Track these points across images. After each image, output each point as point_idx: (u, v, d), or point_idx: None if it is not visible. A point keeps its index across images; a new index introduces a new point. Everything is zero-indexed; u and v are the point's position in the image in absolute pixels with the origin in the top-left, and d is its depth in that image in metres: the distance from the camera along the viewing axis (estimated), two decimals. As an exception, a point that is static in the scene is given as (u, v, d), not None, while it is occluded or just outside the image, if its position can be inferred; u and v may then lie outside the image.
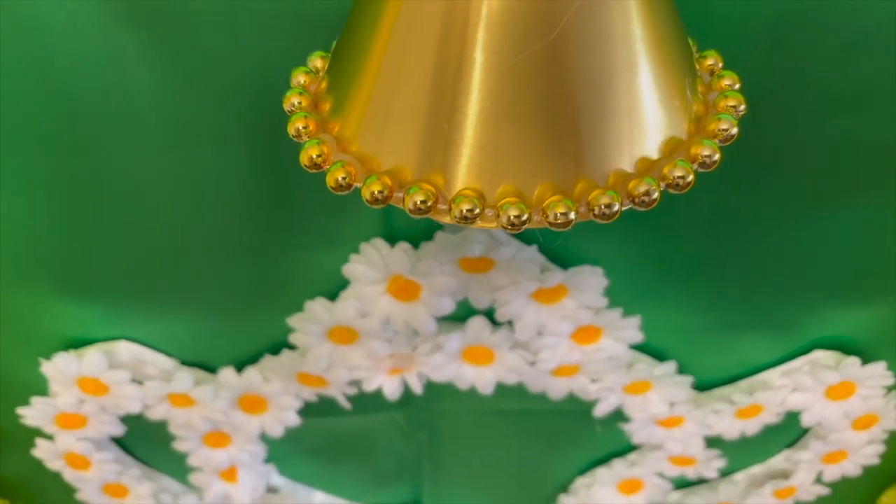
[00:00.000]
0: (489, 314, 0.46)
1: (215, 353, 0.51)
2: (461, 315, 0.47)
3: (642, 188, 0.23)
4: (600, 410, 0.52)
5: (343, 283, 0.46)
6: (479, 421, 0.60)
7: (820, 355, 0.51)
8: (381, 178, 0.24)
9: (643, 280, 0.46)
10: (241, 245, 0.45)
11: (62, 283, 0.47)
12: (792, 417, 0.57)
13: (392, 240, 0.42)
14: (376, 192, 0.23)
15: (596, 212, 0.23)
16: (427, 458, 0.65)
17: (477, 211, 0.23)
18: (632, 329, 0.46)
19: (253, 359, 0.51)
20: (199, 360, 0.52)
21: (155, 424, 0.55)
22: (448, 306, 0.43)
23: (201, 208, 0.42)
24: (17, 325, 0.50)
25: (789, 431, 0.61)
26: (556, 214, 0.23)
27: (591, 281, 0.42)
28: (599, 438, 0.62)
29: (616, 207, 0.23)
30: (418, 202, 0.23)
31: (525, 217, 0.23)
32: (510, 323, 0.46)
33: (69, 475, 0.59)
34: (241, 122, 0.37)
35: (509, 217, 0.23)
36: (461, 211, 0.23)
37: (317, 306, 0.45)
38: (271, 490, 0.64)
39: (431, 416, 0.59)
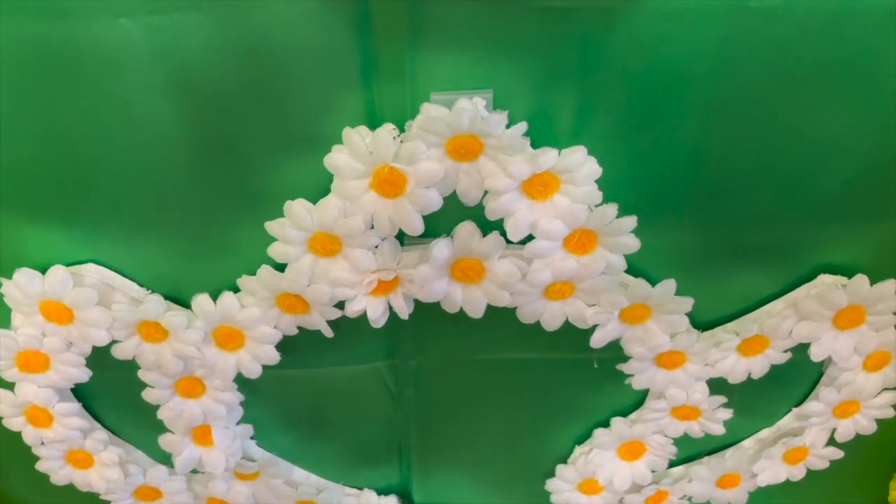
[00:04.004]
0: (478, 221, 0.44)
1: (190, 283, 0.48)
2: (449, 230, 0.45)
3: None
4: (597, 339, 0.49)
5: (326, 192, 0.43)
6: (468, 376, 0.57)
7: (826, 279, 0.49)
8: None
9: (637, 185, 0.44)
10: (219, 147, 0.42)
11: (23, 200, 0.45)
12: (800, 364, 0.54)
13: (376, 131, 0.41)
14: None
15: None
16: (415, 427, 0.61)
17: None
18: (627, 235, 0.43)
19: (231, 289, 0.49)
20: (173, 293, 0.49)
21: (123, 371, 0.51)
22: (435, 201, 0.41)
23: (178, 96, 0.40)
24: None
25: (797, 385, 0.58)
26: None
27: (585, 168, 0.40)
28: (598, 398, 0.59)
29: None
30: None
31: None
32: (502, 232, 0.43)
33: (30, 436, 0.55)
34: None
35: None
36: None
37: (297, 207, 0.42)
38: (248, 459, 0.59)
39: (418, 370, 0.56)
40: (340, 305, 0.47)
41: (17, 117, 0.41)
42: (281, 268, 0.46)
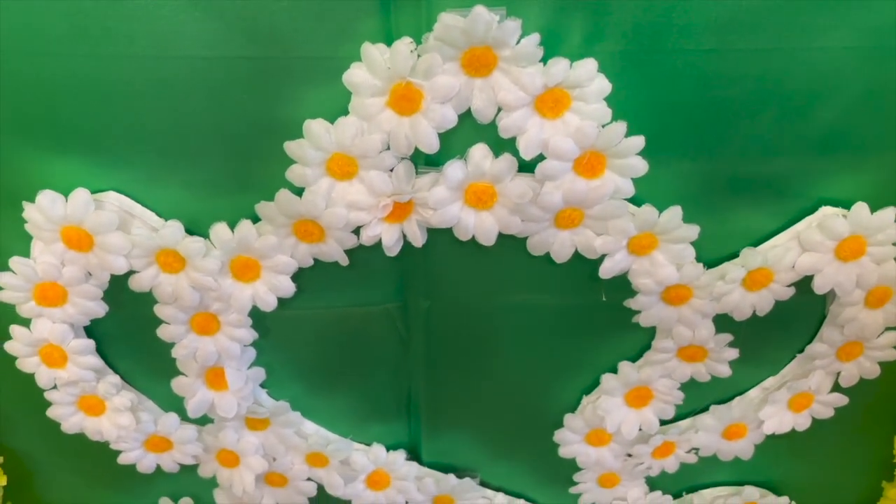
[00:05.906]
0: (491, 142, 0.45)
1: (208, 218, 0.49)
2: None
3: None
4: (605, 269, 0.50)
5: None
6: (477, 321, 0.58)
7: (827, 210, 0.50)
8: None
9: (642, 110, 0.45)
10: (239, 69, 0.44)
11: (47, 126, 0.46)
12: (803, 308, 0.56)
13: (394, 52, 0.42)
14: None
15: None
16: (423, 377, 0.61)
17: None
18: (635, 157, 0.45)
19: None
20: (192, 228, 0.50)
21: (138, 307, 0.52)
22: (450, 118, 0.43)
23: (201, 14, 0.42)
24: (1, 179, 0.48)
25: (801, 333, 0.59)
26: None
27: (596, 83, 0.42)
28: (606, 346, 0.59)
29: None
30: None
31: None
32: (514, 152, 0.45)
33: (44, 378, 0.55)
34: None
35: None
36: None
37: (316, 126, 0.44)
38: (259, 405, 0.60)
39: (429, 312, 0.57)
40: (356, 234, 0.48)
41: (43, 35, 0.42)
42: (299, 194, 0.47)
